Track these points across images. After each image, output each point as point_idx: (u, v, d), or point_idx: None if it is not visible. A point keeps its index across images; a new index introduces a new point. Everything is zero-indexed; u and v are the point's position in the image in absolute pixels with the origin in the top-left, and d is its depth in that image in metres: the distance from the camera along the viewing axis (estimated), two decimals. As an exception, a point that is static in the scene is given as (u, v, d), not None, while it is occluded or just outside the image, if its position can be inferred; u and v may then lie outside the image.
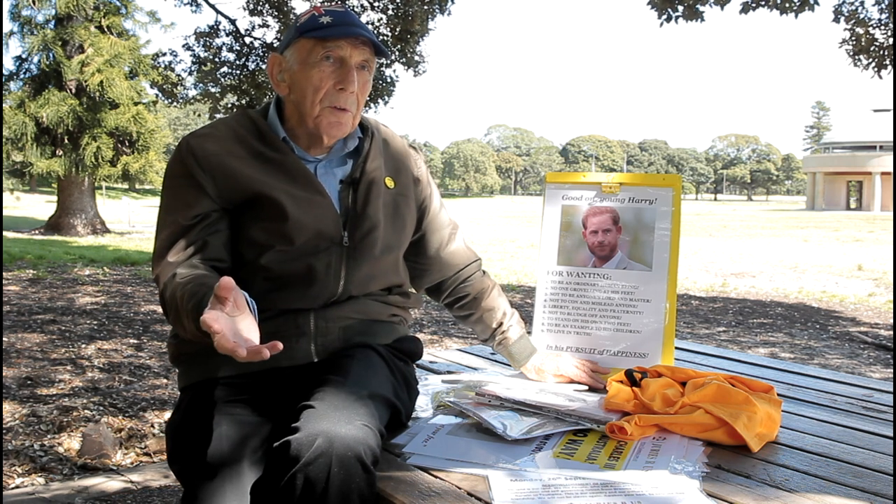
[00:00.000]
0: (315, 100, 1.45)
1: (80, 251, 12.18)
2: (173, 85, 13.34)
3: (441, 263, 1.74)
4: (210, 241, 1.42)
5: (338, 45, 1.44)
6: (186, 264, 1.38)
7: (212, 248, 1.42)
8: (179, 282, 1.32)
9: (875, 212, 45.01)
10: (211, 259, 1.41)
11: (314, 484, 1.16)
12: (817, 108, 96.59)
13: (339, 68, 1.45)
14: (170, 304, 1.34)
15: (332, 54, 1.44)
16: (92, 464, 2.98)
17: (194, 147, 1.45)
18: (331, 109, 1.45)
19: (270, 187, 1.43)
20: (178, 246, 1.41)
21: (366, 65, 1.48)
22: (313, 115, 1.46)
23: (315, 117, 1.46)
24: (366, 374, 1.40)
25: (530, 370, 1.79)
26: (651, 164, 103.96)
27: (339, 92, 1.45)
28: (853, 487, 1.23)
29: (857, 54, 8.73)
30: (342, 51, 1.44)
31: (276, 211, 1.43)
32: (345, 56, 1.44)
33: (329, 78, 1.44)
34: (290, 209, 1.43)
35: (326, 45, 1.44)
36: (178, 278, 1.33)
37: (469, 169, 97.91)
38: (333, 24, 1.43)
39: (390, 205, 1.56)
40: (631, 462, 1.31)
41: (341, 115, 1.46)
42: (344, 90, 1.45)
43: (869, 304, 8.47)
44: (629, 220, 1.84)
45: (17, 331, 5.40)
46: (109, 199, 31.19)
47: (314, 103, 1.45)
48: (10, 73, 17.22)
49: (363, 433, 1.20)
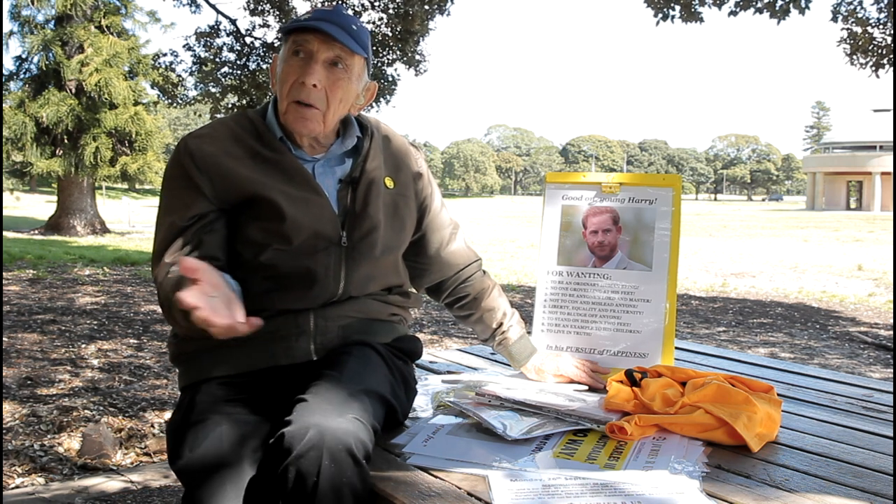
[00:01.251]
0: (283, 94, 1.46)
1: (80, 251, 12.18)
2: (174, 85, 13.33)
3: (441, 263, 1.73)
4: (205, 240, 1.42)
5: (305, 40, 1.44)
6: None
7: (206, 246, 1.42)
8: (170, 278, 1.33)
9: (875, 212, 45.01)
10: (205, 257, 1.40)
11: (305, 477, 1.16)
12: (817, 108, 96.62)
13: (305, 62, 1.44)
14: (163, 302, 1.35)
15: (301, 49, 1.44)
16: (92, 464, 2.98)
17: (192, 148, 1.45)
18: (294, 105, 1.45)
19: (267, 187, 1.43)
20: (175, 246, 1.41)
21: (338, 61, 1.46)
22: (282, 110, 1.47)
23: (283, 112, 1.47)
24: (362, 371, 1.40)
25: (530, 370, 1.79)
26: (651, 164, 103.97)
27: (300, 86, 1.44)
28: (853, 487, 1.23)
29: (854, 53, 8.72)
30: (310, 45, 1.44)
31: (273, 211, 1.43)
32: (312, 50, 1.44)
33: (294, 72, 1.44)
34: (286, 209, 1.43)
35: (296, 40, 1.44)
36: (170, 275, 1.35)
37: (469, 169, 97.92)
38: (311, 19, 1.44)
39: (390, 205, 1.56)
40: (631, 462, 1.31)
41: (305, 111, 1.45)
42: (304, 84, 1.43)
43: (869, 304, 8.47)
44: (629, 220, 1.84)
45: (17, 331, 5.40)
46: (109, 199, 31.20)
47: (282, 97, 1.46)
48: (10, 73, 17.23)
49: (354, 426, 1.21)
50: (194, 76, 12.10)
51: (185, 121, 71.23)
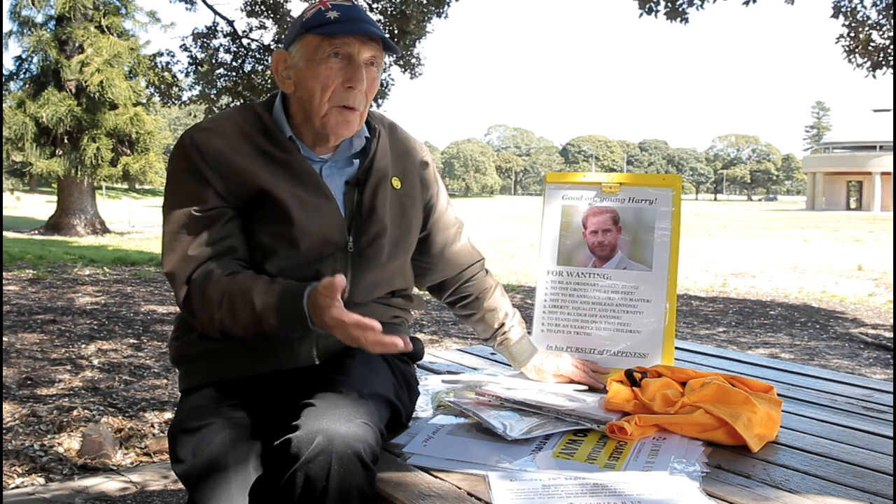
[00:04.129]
0: (323, 99, 1.40)
1: (80, 251, 12.18)
2: (169, 86, 13.31)
3: (445, 262, 1.72)
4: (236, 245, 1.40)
5: (345, 42, 1.39)
6: (219, 261, 1.37)
7: (240, 250, 1.41)
8: (224, 279, 1.33)
9: (875, 212, 45.00)
10: (240, 261, 1.40)
11: (314, 482, 1.16)
12: (817, 108, 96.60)
13: (348, 65, 1.40)
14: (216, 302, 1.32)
15: (340, 51, 1.39)
16: (92, 464, 2.98)
17: (199, 141, 1.40)
18: (339, 109, 1.41)
19: (277, 188, 1.40)
20: (198, 241, 1.37)
21: (374, 61, 1.43)
22: (320, 114, 1.42)
23: (322, 116, 1.42)
24: (366, 374, 1.39)
25: (530, 370, 1.78)
26: (651, 164, 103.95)
27: (347, 90, 1.40)
28: (853, 487, 1.23)
29: (852, 52, 8.72)
30: (350, 47, 1.40)
31: (282, 214, 1.40)
32: (353, 53, 1.40)
33: (337, 76, 1.40)
34: (295, 213, 1.40)
35: (334, 42, 1.39)
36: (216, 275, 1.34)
37: (469, 169, 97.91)
38: (341, 19, 1.39)
39: (397, 206, 1.53)
40: (631, 462, 1.31)
41: (349, 115, 1.42)
42: (353, 88, 1.40)
43: (869, 304, 8.47)
44: (629, 220, 1.84)
45: (16, 331, 5.39)
46: (109, 199, 31.18)
47: (322, 102, 1.41)
48: (10, 73, 17.22)
49: (363, 431, 1.20)
50: (190, 77, 12.07)
51: (185, 121, 71.14)
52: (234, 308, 1.31)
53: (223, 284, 1.32)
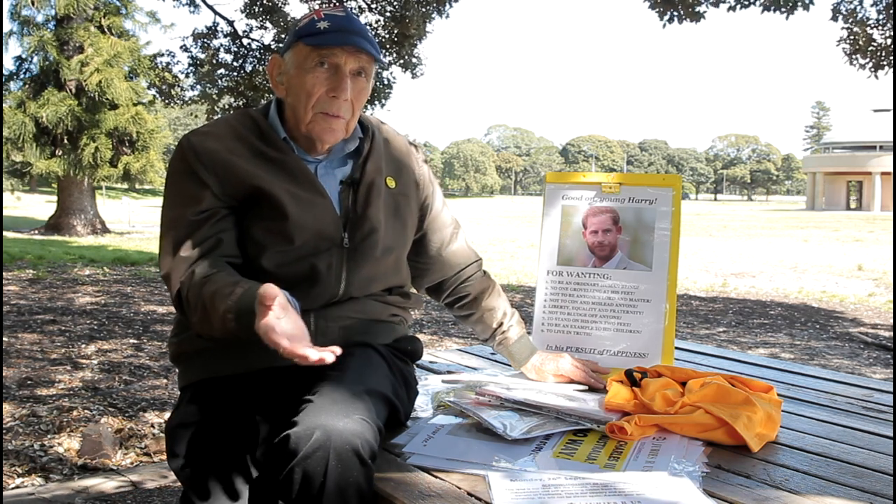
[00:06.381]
0: (307, 105, 1.45)
1: (79, 251, 12.18)
2: (170, 86, 13.33)
3: (442, 263, 1.74)
4: (224, 238, 1.42)
5: (333, 53, 1.44)
6: (203, 262, 1.37)
7: (226, 244, 1.42)
8: (199, 281, 1.33)
9: (875, 212, 45.00)
10: (226, 255, 1.41)
11: (312, 477, 1.16)
12: (817, 108, 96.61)
13: (333, 75, 1.45)
14: (193, 305, 1.33)
15: (326, 61, 1.44)
16: (91, 464, 2.98)
17: (195, 144, 1.45)
18: (323, 116, 1.46)
19: (272, 185, 1.43)
20: (190, 242, 1.40)
21: (362, 71, 1.48)
22: (306, 120, 1.47)
23: (308, 123, 1.47)
24: (365, 371, 1.40)
25: (530, 370, 1.79)
26: (651, 164, 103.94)
27: (331, 99, 1.45)
28: (853, 487, 1.23)
29: (853, 53, 8.72)
30: (337, 58, 1.44)
31: (276, 210, 1.43)
32: (339, 63, 1.44)
33: (322, 84, 1.44)
34: (290, 209, 1.43)
35: (321, 53, 1.44)
36: (196, 277, 1.34)
37: (469, 169, 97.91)
38: (330, 30, 1.43)
39: (391, 205, 1.56)
40: (631, 462, 1.31)
41: (333, 122, 1.46)
42: (336, 98, 1.45)
43: (869, 305, 8.47)
44: (629, 220, 1.84)
45: (16, 331, 5.40)
46: (109, 199, 31.17)
47: (307, 109, 1.46)
48: (10, 73, 17.21)
49: (360, 427, 1.21)
50: (191, 77, 12.07)
51: (185, 121, 71.14)
52: (206, 311, 1.31)
53: (198, 287, 1.34)
